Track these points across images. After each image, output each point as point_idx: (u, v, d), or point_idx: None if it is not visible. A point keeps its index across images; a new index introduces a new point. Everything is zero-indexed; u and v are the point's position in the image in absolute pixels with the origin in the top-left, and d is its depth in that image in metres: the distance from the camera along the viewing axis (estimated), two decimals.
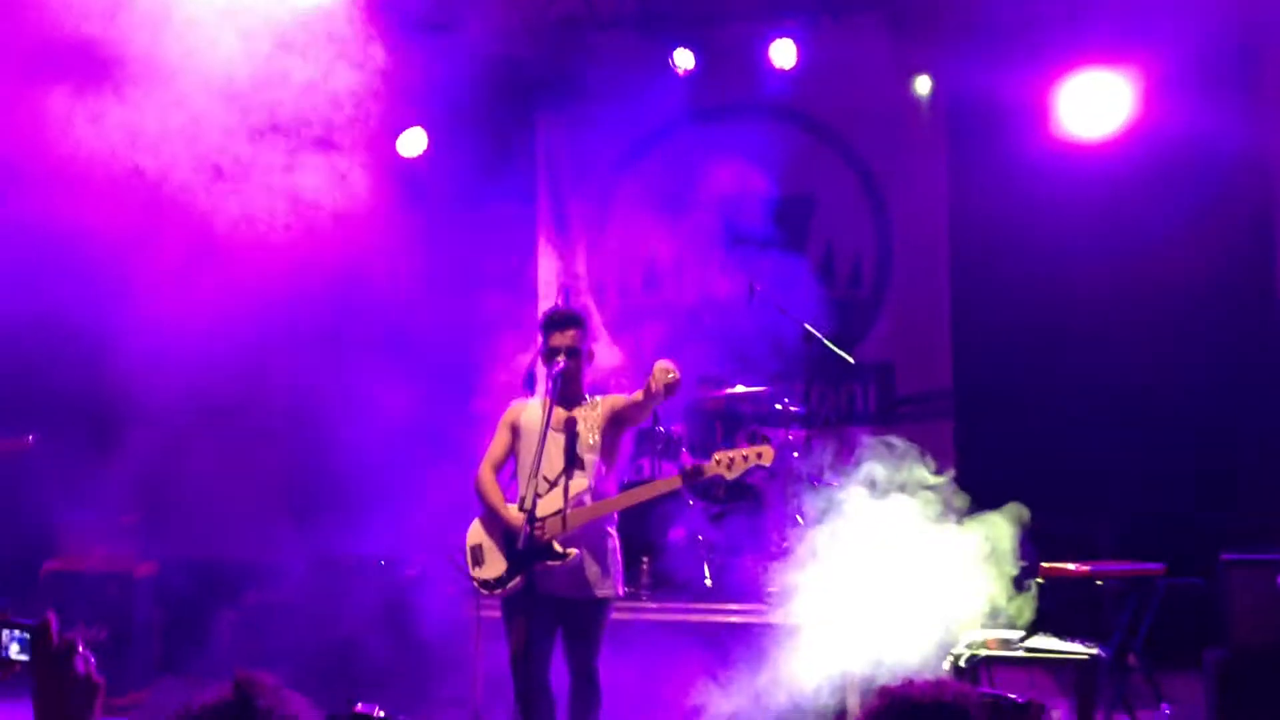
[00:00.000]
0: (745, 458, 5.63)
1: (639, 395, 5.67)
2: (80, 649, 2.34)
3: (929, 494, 8.01)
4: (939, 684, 2.70)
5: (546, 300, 9.28)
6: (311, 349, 8.21)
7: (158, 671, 7.90)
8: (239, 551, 7.86)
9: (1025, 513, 7.32)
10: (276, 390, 8.10)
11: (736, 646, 7.19)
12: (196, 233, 7.79)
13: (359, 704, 2.68)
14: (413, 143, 8.79)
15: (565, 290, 7.95)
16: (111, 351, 8.03)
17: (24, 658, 2.35)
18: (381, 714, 2.66)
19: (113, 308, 7.89)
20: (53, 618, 2.37)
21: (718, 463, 5.65)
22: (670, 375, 5.44)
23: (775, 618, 7.51)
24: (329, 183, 8.03)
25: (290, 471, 7.97)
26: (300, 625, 7.78)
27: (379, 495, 7.76)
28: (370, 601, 7.72)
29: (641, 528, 7.54)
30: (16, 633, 2.35)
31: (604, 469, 5.72)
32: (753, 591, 7.70)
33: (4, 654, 2.35)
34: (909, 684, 2.69)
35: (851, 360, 8.20)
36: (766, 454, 5.66)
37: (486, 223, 8.79)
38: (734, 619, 7.55)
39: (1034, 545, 7.30)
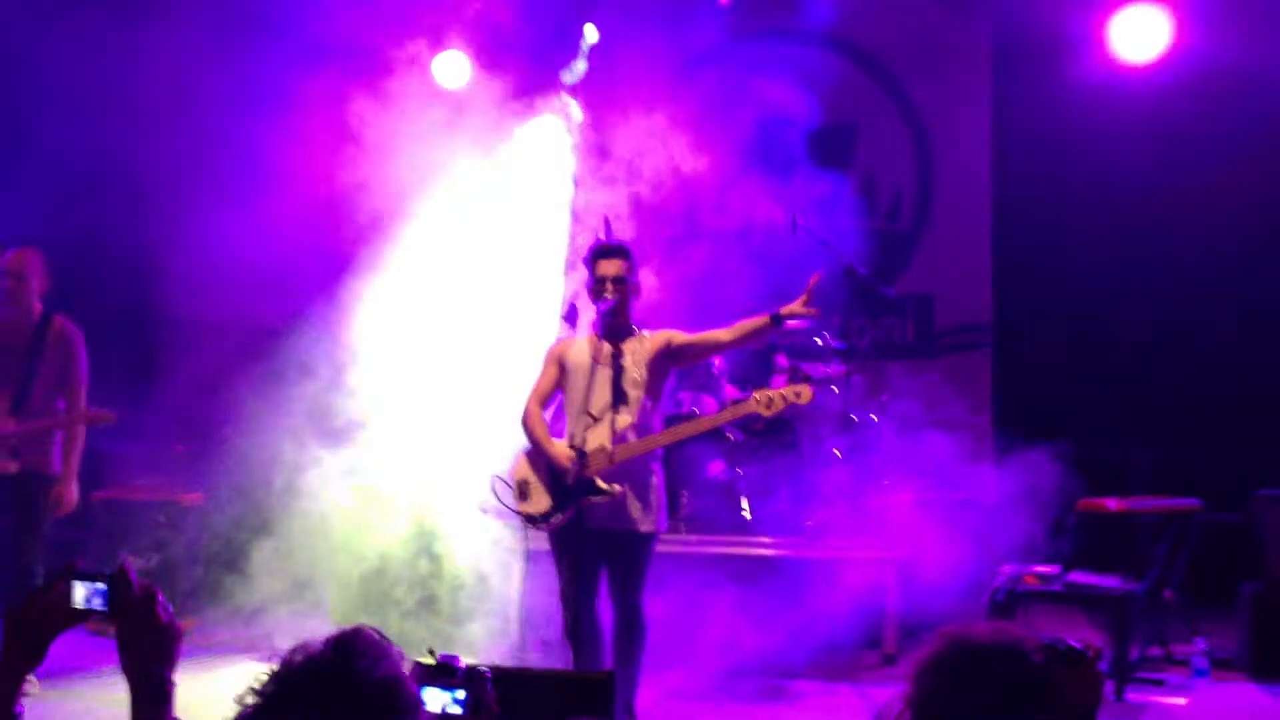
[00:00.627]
0: (784, 397, 5.65)
1: (724, 335, 5.77)
2: (160, 597, 2.39)
3: (967, 430, 8.05)
4: (998, 628, 2.72)
5: (584, 229, 9.23)
6: (352, 274, 8.20)
7: (205, 599, 8.04)
8: (282, 479, 7.93)
9: (1066, 449, 7.35)
10: (319, 315, 8.11)
11: (774, 580, 7.25)
12: (242, 158, 7.78)
13: (440, 653, 2.70)
14: (453, 69, 8.70)
15: (606, 221, 7.91)
16: (158, 278, 8.07)
17: (102, 608, 2.39)
18: (465, 663, 2.69)
19: (159, 233, 7.92)
20: (129, 566, 2.42)
21: (756, 401, 5.69)
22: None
23: (813, 552, 7.57)
24: (374, 108, 8.00)
25: (333, 398, 8.00)
26: (340, 554, 7.86)
27: (420, 423, 7.80)
28: (410, 531, 7.78)
29: (681, 462, 7.57)
30: (98, 585, 2.38)
31: (649, 405, 5.74)
32: (791, 525, 7.74)
33: (88, 604, 2.39)
34: (969, 627, 2.72)
35: (892, 297, 8.17)
36: (805, 393, 5.68)
37: (527, 150, 8.71)
38: (772, 552, 7.60)
39: (1071, 478, 7.33)
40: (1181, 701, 6.68)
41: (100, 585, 2.38)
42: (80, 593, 2.38)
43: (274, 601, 7.68)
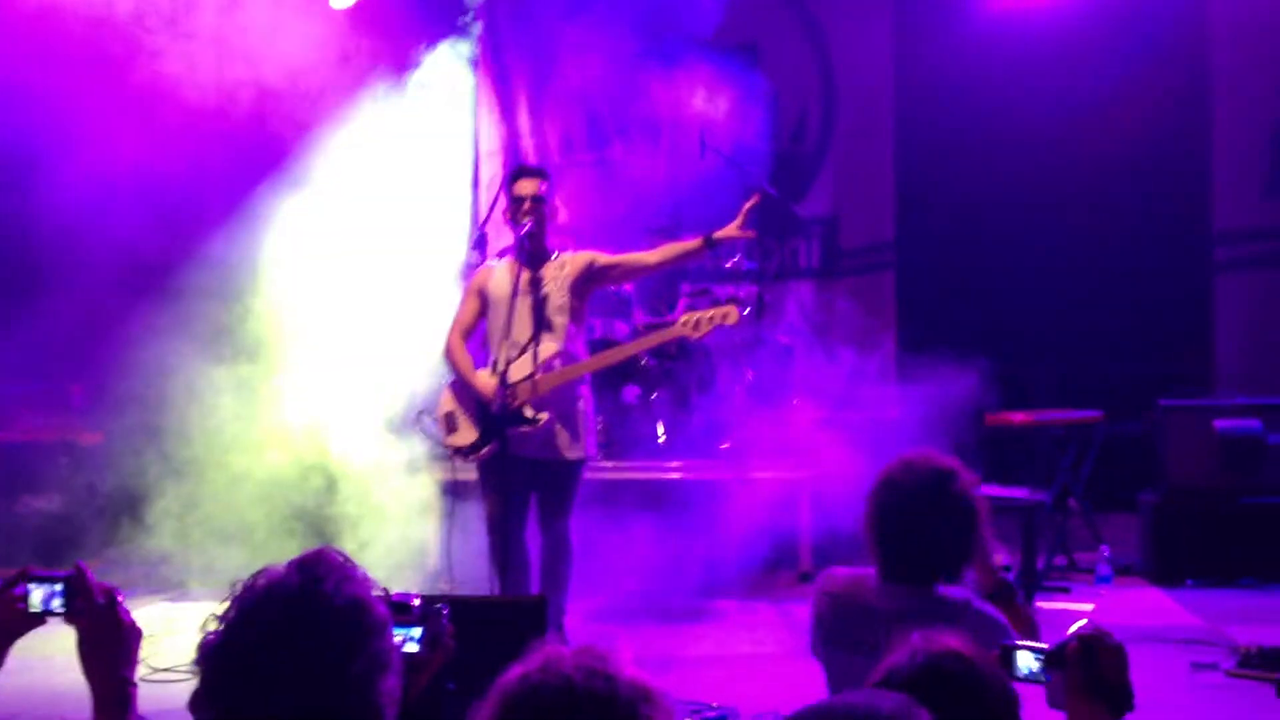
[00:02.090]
0: (711, 319, 5.62)
1: (650, 257, 5.77)
2: (119, 597, 2.33)
3: (873, 349, 8.16)
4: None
5: (487, 161, 9.07)
6: (246, 203, 7.93)
7: (107, 540, 7.81)
8: (183, 418, 7.71)
9: (971, 366, 7.48)
10: (213, 247, 7.84)
11: (690, 503, 7.29)
12: (122, 89, 7.46)
13: (393, 592, 2.67)
14: None
15: (514, 150, 7.77)
16: (39, 212, 7.73)
17: (60, 611, 2.34)
18: (417, 602, 2.67)
19: (38, 167, 7.58)
20: (84, 567, 2.36)
21: (684, 324, 5.65)
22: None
23: (727, 474, 7.62)
24: (259, 38, 7.73)
25: (233, 326, 7.78)
26: (250, 491, 7.70)
27: (334, 358, 7.64)
28: (323, 465, 7.64)
29: (594, 387, 7.52)
30: (55, 587, 2.33)
31: (574, 330, 5.69)
32: (704, 448, 7.77)
33: (45, 607, 2.33)
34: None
35: (804, 218, 8.21)
36: (732, 314, 5.64)
37: (422, 79, 8.49)
38: (686, 476, 7.63)
39: (977, 394, 7.48)
40: (1089, 607, 6.89)
41: (57, 587, 2.33)
42: (37, 595, 2.33)
43: (181, 540, 7.49)
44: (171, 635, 5.45)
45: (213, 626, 2.03)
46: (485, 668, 1.93)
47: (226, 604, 2.05)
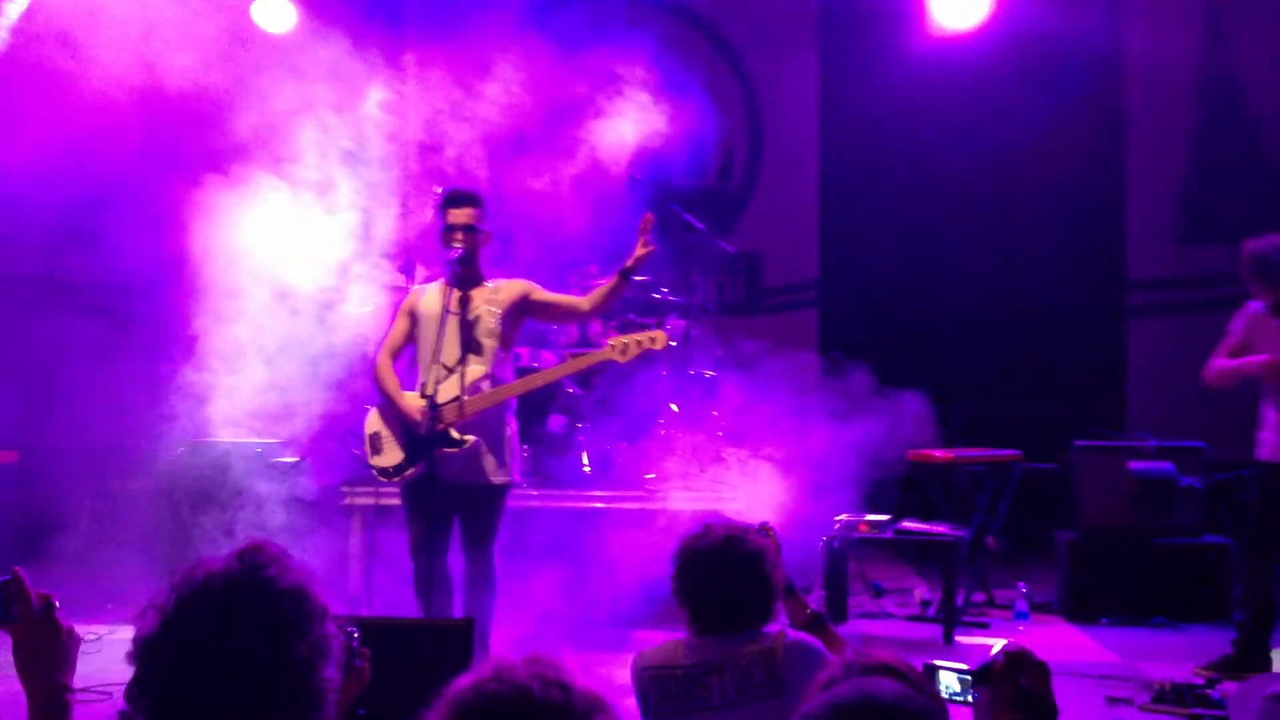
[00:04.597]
0: (639, 342, 5.64)
1: (584, 303, 5.84)
2: (55, 602, 2.29)
3: (795, 381, 8.23)
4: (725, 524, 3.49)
5: (414, 177, 9.00)
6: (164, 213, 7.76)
7: (22, 557, 7.61)
8: (103, 436, 7.55)
9: (893, 403, 7.58)
10: (133, 262, 7.66)
11: (615, 533, 7.27)
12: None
13: None
14: (276, 15, 8.37)
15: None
16: None
17: None
18: None
19: None
20: (22, 572, 2.32)
21: (612, 347, 5.66)
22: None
23: (652, 504, 7.62)
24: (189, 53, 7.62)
25: (154, 351, 7.62)
26: (166, 512, 7.55)
27: (254, 378, 7.52)
28: (245, 489, 7.51)
29: (521, 415, 7.51)
30: None
31: (503, 354, 5.67)
32: (630, 478, 7.78)
33: None
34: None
35: (732, 252, 8.27)
36: (660, 338, 5.67)
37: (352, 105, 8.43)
38: (612, 505, 7.62)
39: (899, 431, 7.57)
40: (1006, 643, 6.97)
41: None
42: None
43: (101, 561, 7.34)
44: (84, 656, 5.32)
45: (151, 616, 1.99)
46: (413, 692, 1.91)
47: (163, 596, 2.02)
